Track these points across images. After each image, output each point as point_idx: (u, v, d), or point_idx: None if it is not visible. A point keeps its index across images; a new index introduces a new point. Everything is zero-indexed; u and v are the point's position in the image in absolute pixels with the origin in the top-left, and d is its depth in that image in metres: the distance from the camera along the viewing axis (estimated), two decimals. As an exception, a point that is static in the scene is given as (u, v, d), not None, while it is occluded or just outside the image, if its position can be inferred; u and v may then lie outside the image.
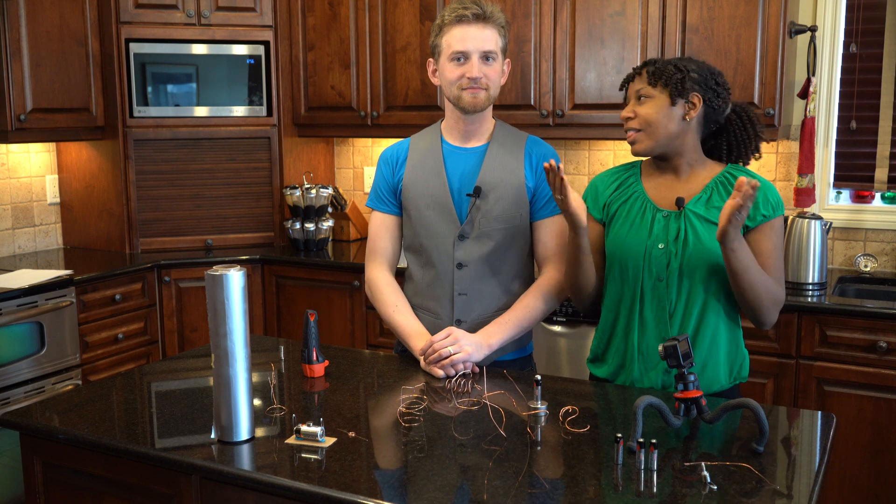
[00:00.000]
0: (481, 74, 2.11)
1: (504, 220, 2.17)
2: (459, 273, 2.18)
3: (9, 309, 3.10)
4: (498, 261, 2.19)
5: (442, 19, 2.14)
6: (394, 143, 2.37)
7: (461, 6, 2.11)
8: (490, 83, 2.14)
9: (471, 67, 2.11)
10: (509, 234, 2.18)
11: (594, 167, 3.83)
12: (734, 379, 2.04)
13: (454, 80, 2.13)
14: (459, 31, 2.11)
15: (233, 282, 1.64)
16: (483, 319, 2.19)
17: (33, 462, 1.82)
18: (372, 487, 1.47)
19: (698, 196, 2.00)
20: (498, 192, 2.17)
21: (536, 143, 2.25)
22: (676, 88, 1.96)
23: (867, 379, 2.83)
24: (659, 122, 1.98)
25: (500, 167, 2.18)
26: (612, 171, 2.15)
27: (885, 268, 3.39)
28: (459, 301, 2.19)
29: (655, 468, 1.50)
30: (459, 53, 2.11)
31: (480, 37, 2.10)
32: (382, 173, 2.30)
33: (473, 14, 2.10)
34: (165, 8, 3.84)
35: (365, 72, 3.90)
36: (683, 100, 1.97)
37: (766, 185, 2.00)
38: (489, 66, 2.13)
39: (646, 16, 3.29)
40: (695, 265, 1.95)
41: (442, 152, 2.23)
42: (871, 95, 3.35)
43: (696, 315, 1.98)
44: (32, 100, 3.53)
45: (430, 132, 2.30)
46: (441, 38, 2.15)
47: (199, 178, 4.02)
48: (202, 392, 1.98)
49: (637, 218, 2.03)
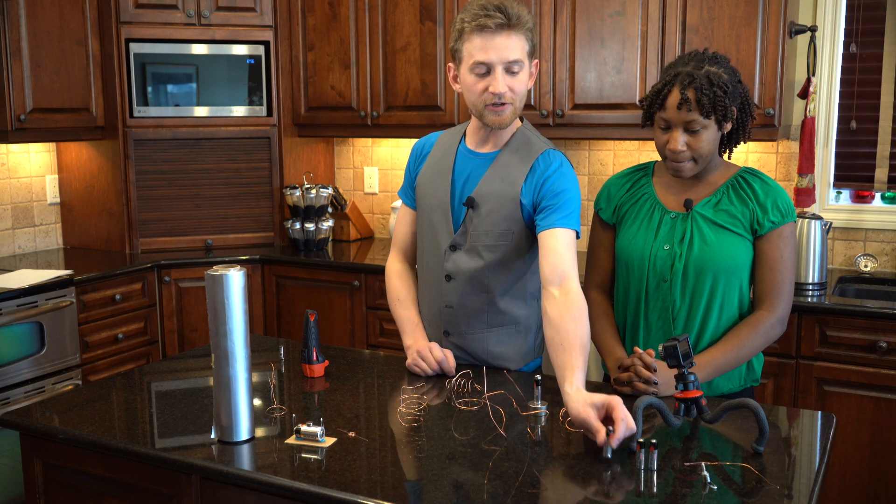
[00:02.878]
0: (505, 89, 1.93)
1: (494, 235, 2.02)
2: (447, 285, 2.08)
3: (9, 309, 3.10)
4: (486, 278, 2.05)
5: (462, 24, 1.94)
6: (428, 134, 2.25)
7: (483, 11, 1.90)
8: (516, 96, 1.96)
9: (494, 82, 1.92)
10: (500, 251, 2.02)
11: (594, 167, 3.83)
12: (744, 381, 2.04)
13: (476, 93, 1.96)
14: (481, 41, 1.91)
15: (233, 282, 1.64)
16: (470, 335, 2.10)
17: (33, 462, 1.82)
18: (372, 487, 1.47)
19: (708, 199, 1.99)
20: (490, 204, 2.02)
21: (546, 158, 2.02)
22: (725, 114, 1.91)
23: (867, 379, 2.83)
24: (711, 150, 1.94)
25: (500, 179, 2.02)
26: (625, 173, 2.14)
27: (885, 268, 3.39)
28: (446, 313, 2.10)
29: (655, 468, 1.50)
30: (482, 65, 1.92)
31: (504, 46, 1.90)
32: (409, 165, 2.21)
33: (497, 24, 1.89)
34: (165, 8, 3.84)
35: (365, 72, 3.90)
36: (726, 122, 1.94)
37: (776, 190, 1.97)
38: (514, 79, 1.94)
39: (646, 16, 3.29)
40: (700, 267, 1.95)
41: (455, 154, 2.11)
42: (871, 95, 3.35)
43: (700, 317, 1.97)
44: (32, 100, 3.53)
45: (456, 131, 2.17)
46: (462, 44, 1.95)
47: (199, 178, 4.02)
48: (202, 392, 1.98)
49: (646, 219, 2.03)
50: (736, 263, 1.95)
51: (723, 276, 1.95)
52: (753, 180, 1.98)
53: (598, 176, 3.82)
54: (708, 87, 1.88)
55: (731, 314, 1.99)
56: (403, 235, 2.25)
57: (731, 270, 1.95)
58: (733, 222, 1.95)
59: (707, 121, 1.90)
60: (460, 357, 2.13)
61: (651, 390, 1.84)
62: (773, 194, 1.95)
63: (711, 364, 1.91)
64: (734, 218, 1.95)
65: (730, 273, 1.95)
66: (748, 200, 1.96)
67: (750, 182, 1.98)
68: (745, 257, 1.97)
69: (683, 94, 1.88)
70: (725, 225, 1.95)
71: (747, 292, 2.02)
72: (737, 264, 1.96)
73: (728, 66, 1.95)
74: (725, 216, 1.96)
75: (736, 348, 1.93)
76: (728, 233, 1.95)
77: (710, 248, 1.94)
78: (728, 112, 1.91)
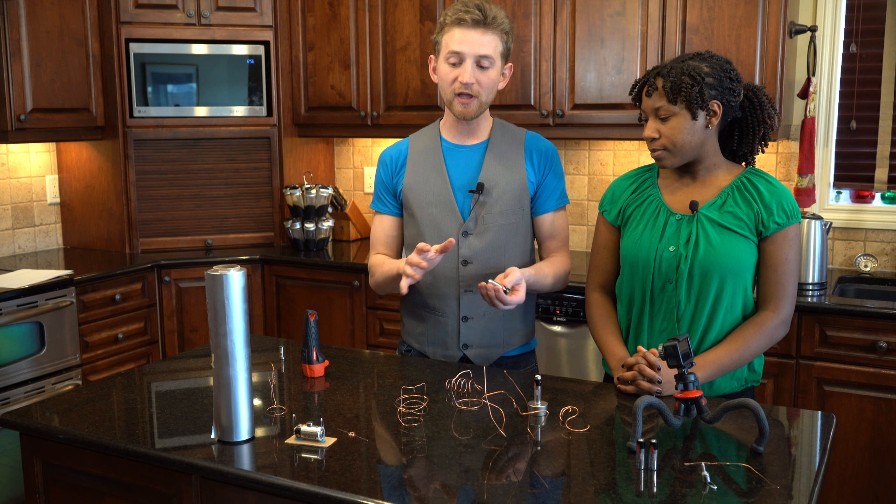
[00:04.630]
0: (473, 80, 2.10)
1: (507, 215, 2.18)
2: (465, 270, 2.19)
3: (9, 309, 3.10)
4: (501, 256, 2.20)
5: (445, 17, 2.14)
6: (392, 143, 2.37)
7: (464, 8, 2.10)
8: (482, 90, 2.13)
9: (463, 72, 2.10)
10: (511, 229, 2.19)
11: (594, 167, 3.83)
12: (745, 381, 2.04)
13: (447, 82, 2.14)
14: (458, 33, 2.10)
15: (233, 282, 1.64)
16: (489, 315, 2.20)
17: (33, 462, 1.82)
18: (372, 487, 1.47)
19: (713, 201, 1.98)
20: (500, 188, 2.18)
21: (536, 139, 2.26)
22: (696, 102, 1.90)
23: (867, 379, 2.83)
24: (684, 139, 1.94)
25: (502, 163, 2.20)
26: (630, 175, 2.15)
27: (885, 268, 3.39)
28: (465, 298, 2.19)
29: (655, 468, 1.50)
30: (455, 55, 2.11)
31: (478, 41, 2.09)
32: (381, 175, 2.31)
33: (473, 20, 2.08)
34: (165, 8, 3.84)
35: (365, 72, 3.90)
36: (704, 111, 1.93)
37: (781, 191, 1.97)
38: (483, 73, 2.12)
39: (646, 16, 3.29)
40: (705, 270, 1.94)
41: (442, 150, 2.24)
42: (871, 95, 3.35)
43: (706, 319, 1.97)
44: (32, 100, 3.53)
45: (428, 131, 2.31)
46: (441, 35, 2.15)
47: (199, 178, 4.02)
48: (202, 392, 1.98)
49: (651, 221, 2.03)
50: (741, 265, 1.95)
51: (728, 279, 1.95)
52: (759, 181, 1.97)
53: (598, 176, 3.83)
54: (676, 75, 1.91)
55: (735, 316, 1.99)
56: (386, 238, 2.32)
57: (736, 272, 1.95)
58: (738, 224, 1.95)
59: (674, 107, 1.92)
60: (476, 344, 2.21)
61: (655, 389, 1.85)
62: (778, 195, 1.95)
63: (716, 363, 1.91)
64: (739, 220, 1.95)
65: (735, 275, 1.95)
66: (753, 202, 1.95)
67: (755, 183, 1.97)
68: (750, 259, 1.97)
69: (651, 83, 1.95)
70: (731, 227, 1.95)
71: (751, 294, 2.02)
72: (742, 266, 1.96)
73: (717, 63, 1.94)
74: (731, 218, 1.95)
75: (741, 348, 1.94)
76: (733, 235, 1.95)
77: (716, 251, 1.94)
78: (702, 101, 1.90)
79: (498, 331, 2.23)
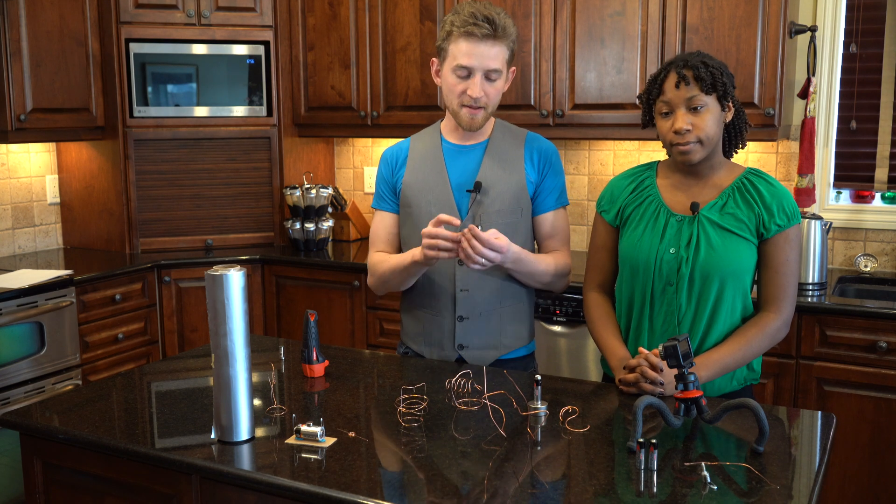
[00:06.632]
0: (482, 94, 2.10)
1: (504, 214, 2.17)
2: (461, 269, 2.18)
3: (9, 309, 3.10)
4: None
5: (452, 26, 2.09)
6: (394, 143, 2.37)
7: (472, 19, 2.05)
8: (490, 101, 2.13)
9: (473, 86, 2.09)
10: (510, 228, 2.16)
11: (594, 167, 3.83)
12: (745, 380, 2.04)
13: (455, 94, 2.12)
14: (467, 47, 2.06)
15: (233, 282, 1.64)
16: (486, 314, 2.20)
17: (33, 462, 1.82)
18: (372, 487, 1.47)
19: (714, 202, 1.98)
20: (498, 187, 2.18)
21: (536, 139, 2.26)
22: (725, 94, 1.91)
23: (867, 379, 2.83)
24: (716, 131, 1.94)
25: (501, 163, 2.19)
26: (628, 174, 2.13)
27: (885, 268, 3.39)
28: (461, 297, 2.19)
29: (655, 468, 1.50)
30: (464, 69, 2.08)
31: (488, 55, 2.07)
32: (382, 173, 2.32)
33: (483, 34, 2.05)
34: (165, 8, 3.84)
35: (365, 72, 3.90)
36: (729, 103, 1.94)
37: (782, 192, 1.97)
38: (491, 85, 2.11)
39: (646, 16, 3.29)
40: (706, 272, 1.94)
41: (442, 150, 2.24)
42: (871, 95, 3.35)
43: (706, 321, 1.97)
44: (32, 100, 3.53)
45: (429, 132, 2.31)
46: (448, 44, 2.11)
47: (199, 178, 4.02)
48: (202, 392, 1.98)
49: (651, 222, 2.02)
50: (741, 268, 1.95)
51: (728, 281, 1.94)
52: (759, 182, 1.97)
53: (598, 176, 3.82)
54: (703, 66, 1.90)
55: (736, 318, 1.99)
56: (387, 235, 2.32)
57: (736, 275, 1.95)
58: (739, 226, 1.95)
59: (708, 97, 1.91)
60: (472, 345, 2.21)
61: (657, 391, 1.85)
62: (778, 197, 1.95)
63: (720, 363, 1.92)
64: (740, 222, 1.95)
65: (735, 278, 1.95)
66: (754, 204, 1.95)
67: (756, 184, 1.97)
68: (750, 262, 1.97)
69: (680, 73, 1.91)
70: (732, 229, 1.95)
71: (750, 295, 2.02)
72: (742, 269, 1.95)
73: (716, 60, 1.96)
74: (732, 220, 1.95)
75: (743, 348, 1.94)
76: (734, 237, 1.95)
77: (717, 253, 1.93)
78: (728, 91, 1.92)
79: (494, 332, 2.22)
